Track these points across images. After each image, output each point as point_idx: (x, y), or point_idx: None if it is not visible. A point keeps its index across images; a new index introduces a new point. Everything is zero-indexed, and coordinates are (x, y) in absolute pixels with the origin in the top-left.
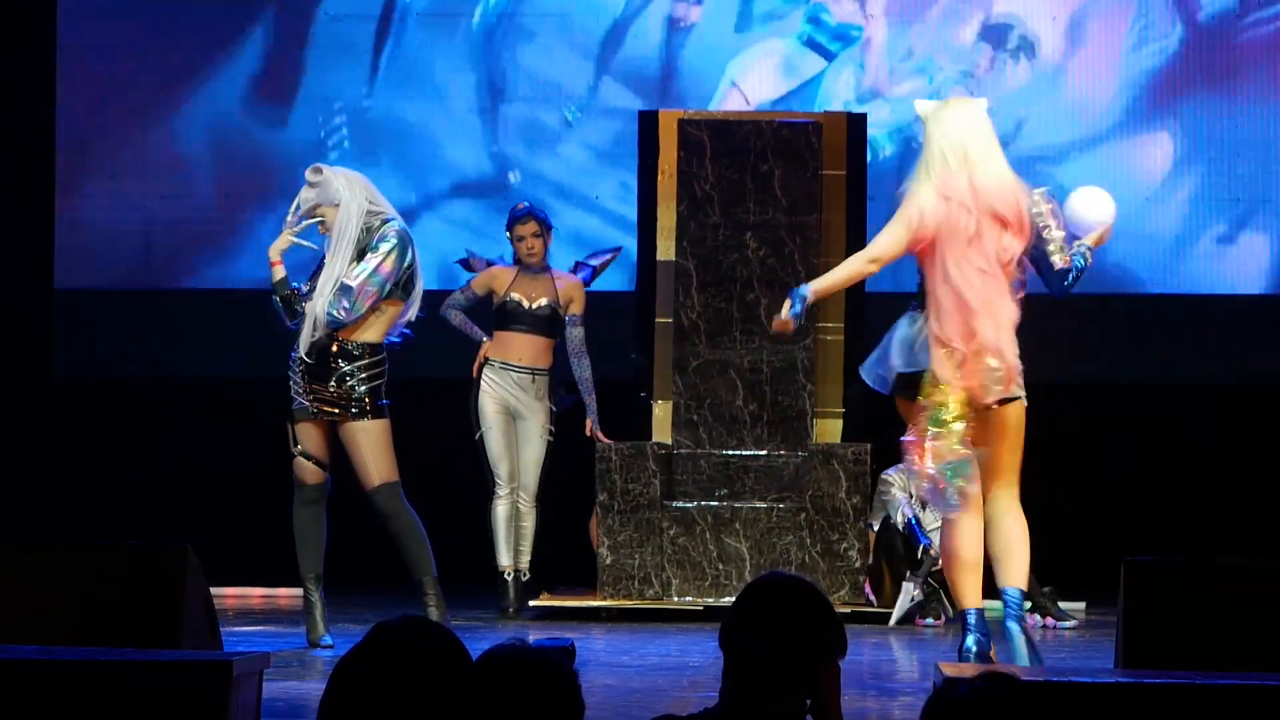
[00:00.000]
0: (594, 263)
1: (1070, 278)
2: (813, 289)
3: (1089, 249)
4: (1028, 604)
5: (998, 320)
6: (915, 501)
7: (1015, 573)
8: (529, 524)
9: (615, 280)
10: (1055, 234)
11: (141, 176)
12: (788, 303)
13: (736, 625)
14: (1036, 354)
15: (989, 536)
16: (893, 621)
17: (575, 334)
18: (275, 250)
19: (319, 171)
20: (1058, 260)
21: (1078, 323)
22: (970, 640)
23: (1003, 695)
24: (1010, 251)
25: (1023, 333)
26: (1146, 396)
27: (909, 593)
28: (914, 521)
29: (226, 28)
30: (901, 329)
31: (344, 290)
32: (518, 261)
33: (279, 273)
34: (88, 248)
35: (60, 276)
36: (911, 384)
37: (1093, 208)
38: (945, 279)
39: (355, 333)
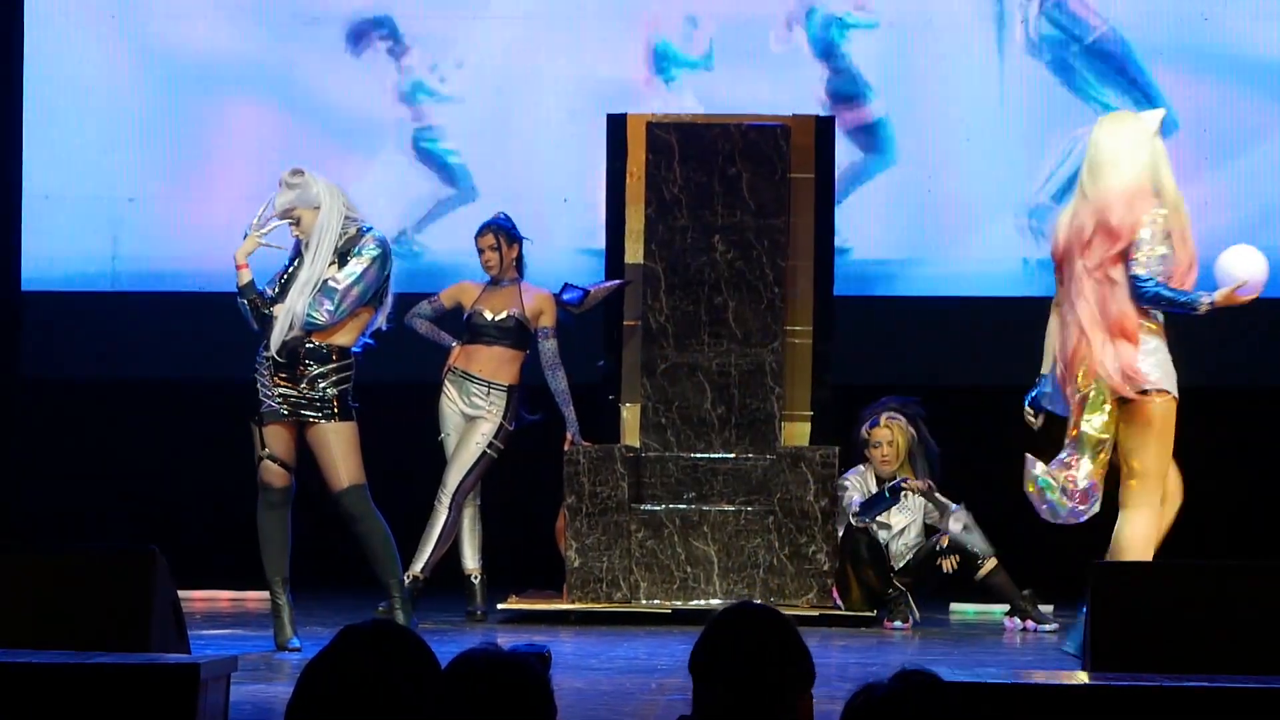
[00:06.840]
0: (589, 286)
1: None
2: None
3: (1204, 298)
4: (1006, 607)
5: None
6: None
7: None
8: (436, 527)
9: (583, 283)
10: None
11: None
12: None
13: (706, 653)
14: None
15: None
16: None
17: (548, 347)
18: (241, 254)
19: (299, 174)
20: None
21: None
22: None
23: (920, 695)
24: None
25: (988, 337)
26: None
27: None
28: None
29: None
30: None
31: (327, 293)
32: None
33: (245, 276)
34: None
35: (27, 278)
36: None
37: (1235, 264)
38: None
39: (329, 335)
